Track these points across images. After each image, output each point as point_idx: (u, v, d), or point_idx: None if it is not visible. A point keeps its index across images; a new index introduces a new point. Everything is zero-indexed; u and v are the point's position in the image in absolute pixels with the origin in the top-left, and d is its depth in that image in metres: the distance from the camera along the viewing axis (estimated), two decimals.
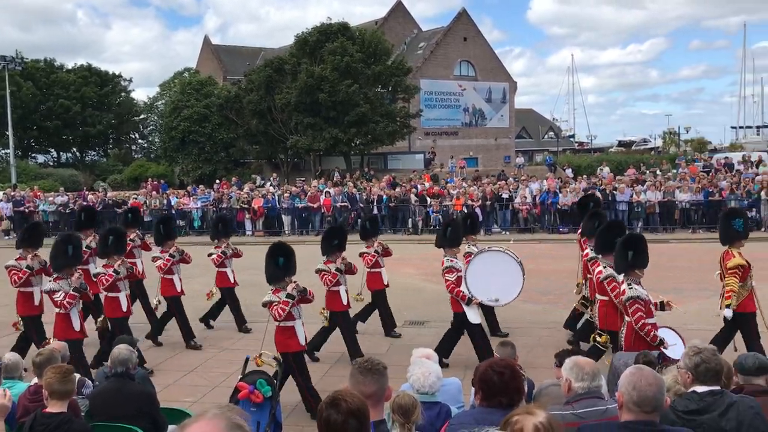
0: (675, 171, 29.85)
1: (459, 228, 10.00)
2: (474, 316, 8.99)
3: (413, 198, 24.79)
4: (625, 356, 5.48)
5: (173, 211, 24.52)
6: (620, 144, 71.09)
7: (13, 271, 9.09)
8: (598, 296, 8.36)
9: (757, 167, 29.06)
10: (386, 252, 10.93)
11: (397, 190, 25.68)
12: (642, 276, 7.18)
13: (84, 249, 10.00)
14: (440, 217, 24.15)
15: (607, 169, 31.58)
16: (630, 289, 6.93)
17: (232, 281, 11.28)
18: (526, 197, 24.19)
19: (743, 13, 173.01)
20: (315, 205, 24.66)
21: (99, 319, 9.35)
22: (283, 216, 25.30)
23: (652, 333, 6.73)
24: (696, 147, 55.04)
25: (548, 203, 23.75)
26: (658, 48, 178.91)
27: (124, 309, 9.19)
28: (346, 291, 9.56)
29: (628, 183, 24.29)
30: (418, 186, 26.44)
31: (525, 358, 8.97)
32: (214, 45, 59.67)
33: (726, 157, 32.69)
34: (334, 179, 30.63)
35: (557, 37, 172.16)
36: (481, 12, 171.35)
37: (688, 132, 63.80)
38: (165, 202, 26.38)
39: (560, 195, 23.63)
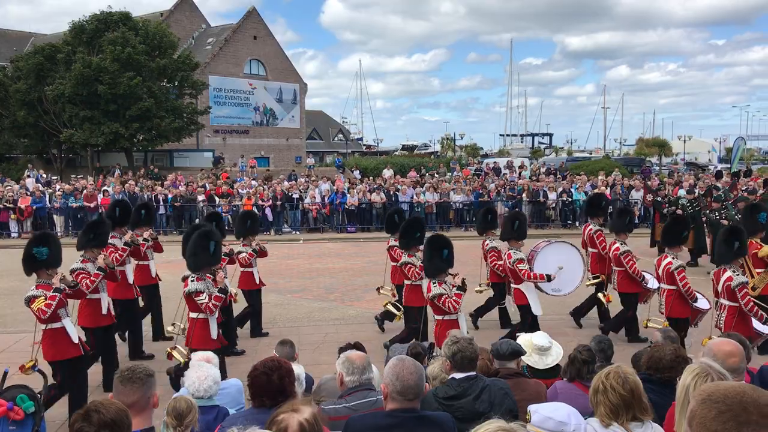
0: (451, 174, 32.10)
1: (525, 221, 10.24)
2: (537, 308, 9.23)
3: (200, 198, 24.09)
4: (399, 348, 5.82)
5: None
6: (404, 148, 74.95)
7: (83, 275, 7.86)
8: (665, 286, 8.72)
9: (520, 172, 32.20)
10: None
11: (182, 188, 24.78)
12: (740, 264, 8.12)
13: (123, 247, 9.39)
14: (230, 217, 23.75)
15: (391, 171, 33.11)
16: (737, 276, 7.72)
17: (258, 282, 10.58)
18: (315, 197, 24.61)
19: (513, 31, 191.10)
20: (91, 205, 22.99)
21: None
22: (54, 216, 23.29)
23: (759, 312, 7.54)
24: (469, 152, 59.63)
25: (337, 203, 24.35)
26: (440, 59, 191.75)
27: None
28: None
29: (409, 184, 25.66)
30: (207, 185, 25.75)
31: (311, 355, 9.19)
32: None
33: (495, 162, 35.79)
34: (115, 176, 28.82)
35: (348, 42, 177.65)
36: (275, 12, 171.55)
37: (462, 138, 69.05)
38: None
39: (348, 195, 24.35)
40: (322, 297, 13.65)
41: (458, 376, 4.09)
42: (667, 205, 18.25)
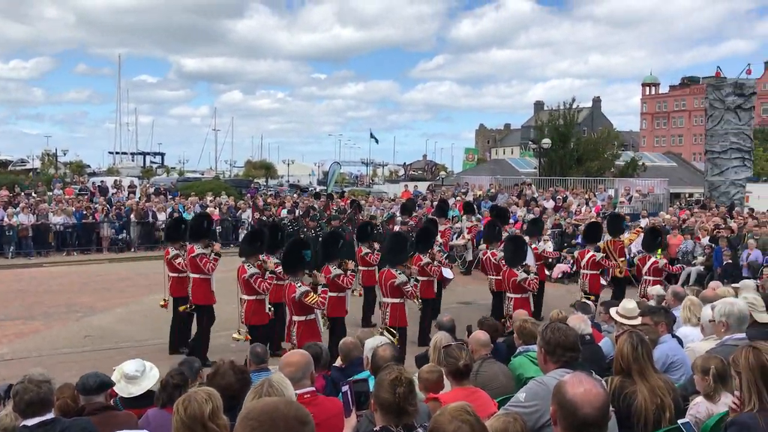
0: (51, 193, 29.38)
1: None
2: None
3: None
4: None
5: None
6: None
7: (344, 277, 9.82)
8: (588, 271, 12.78)
9: (131, 192, 30.97)
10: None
11: None
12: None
13: (215, 257, 10.28)
14: None
15: None
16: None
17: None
18: None
19: (128, 46, 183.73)
20: None
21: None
22: None
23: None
24: (74, 170, 55.48)
25: None
26: (45, 67, 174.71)
27: (348, 308, 10.00)
28: None
29: None
30: None
31: None
32: None
33: (102, 181, 33.73)
34: None
35: None
36: None
37: (66, 154, 63.95)
38: None
39: None
40: None
41: (30, 422, 3.72)
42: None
